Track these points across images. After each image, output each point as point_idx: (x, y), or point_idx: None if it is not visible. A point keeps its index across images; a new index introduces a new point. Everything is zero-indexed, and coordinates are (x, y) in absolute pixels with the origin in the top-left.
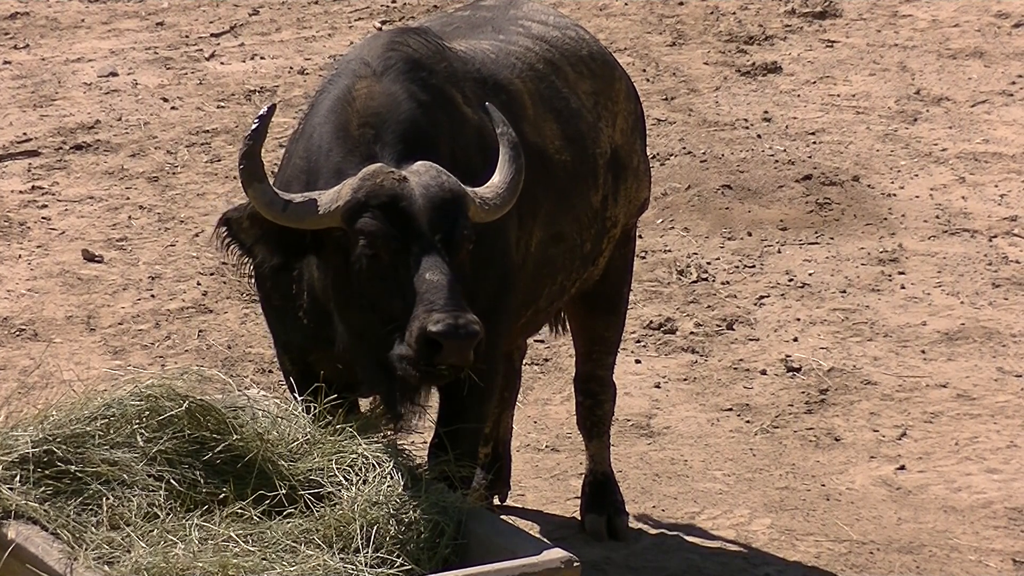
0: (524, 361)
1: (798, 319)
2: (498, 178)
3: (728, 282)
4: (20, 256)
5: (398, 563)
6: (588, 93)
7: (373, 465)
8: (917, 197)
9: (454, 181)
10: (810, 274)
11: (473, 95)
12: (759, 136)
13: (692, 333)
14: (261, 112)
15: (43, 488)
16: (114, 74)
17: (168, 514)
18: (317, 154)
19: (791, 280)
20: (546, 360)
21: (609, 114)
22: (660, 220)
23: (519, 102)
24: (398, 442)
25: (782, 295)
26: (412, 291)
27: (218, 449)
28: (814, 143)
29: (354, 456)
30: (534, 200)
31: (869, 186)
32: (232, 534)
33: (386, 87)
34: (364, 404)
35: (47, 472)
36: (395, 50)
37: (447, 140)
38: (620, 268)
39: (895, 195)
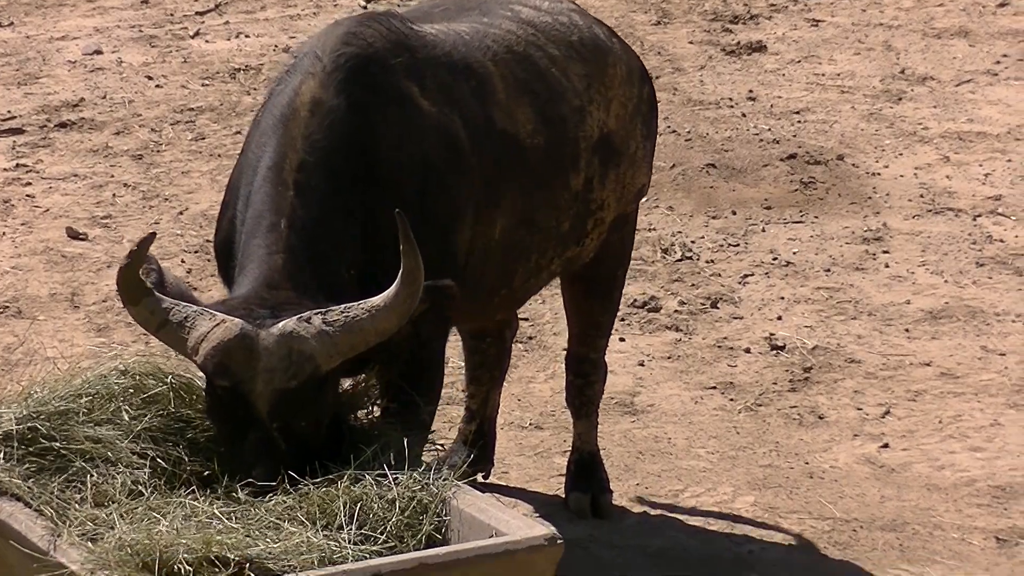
0: None
1: (782, 297)
2: (379, 299)
3: (712, 260)
4: (4, 233)
5: (381, 540)
6: (580, 75)
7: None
8: (901, 176)
9: (304, 361)
10: (794, 253)
11: (436, 85)
12: (744, 115)
13: (676, 311)
14: (142, 237)
15: (27, 465)
16: (99, 52)
17: (152, 492)
18: (250, 177)
19: (775, 259)
20: (530, 338)
21: (602, 99)
22: (644, 199)
23: (489, 85)
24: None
25: (766, 274)
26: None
27: (202, 427)
28: (799, 122)
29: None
30: (496, 190)
31: (854, 165)
32: (216, 511)
33: (330, 100)
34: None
35: (31, 449)
36: (349, 45)
37: (392, 143)
38: (617, 253)
39: (879, 174)
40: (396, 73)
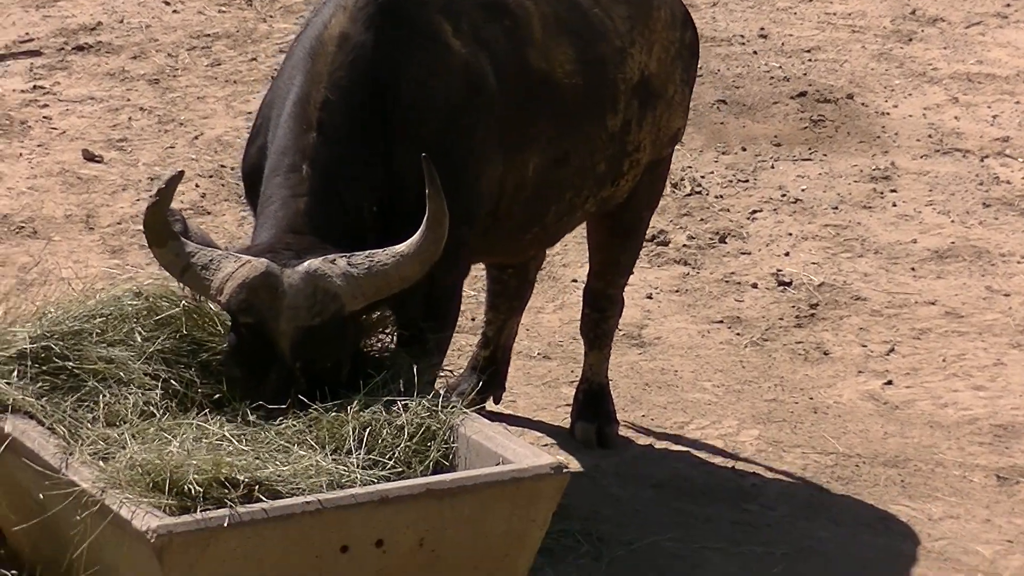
0: None
1: (790, 234)
2: (403, 246)
3: (721, 196)
4: (21, 155)
5: (389, 465)
6: (623, 17)
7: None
8: (910, 116)
9: (329, 300)
10: (803, 190)
11: (470, 26)
12: (755, 52)
13: (685, 245)
14: (170, 175)
15: (40, 384)
16: None
17: (164, 413)
18: (280, 108)
19: (784, 195)
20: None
21: (645, 41)
22: None
23: (527, 25)
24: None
25: (774, 210)
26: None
27: (215, 350)
28: (809, 60)
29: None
30: (528, 130)
31: (863, 104)
32: (226, 433)
33: (358, 35)
34: None
35: (44, 368)
36: None
37: (415, 81)
38: (646, 194)
39: (889, 114)
40: (430, 8)
